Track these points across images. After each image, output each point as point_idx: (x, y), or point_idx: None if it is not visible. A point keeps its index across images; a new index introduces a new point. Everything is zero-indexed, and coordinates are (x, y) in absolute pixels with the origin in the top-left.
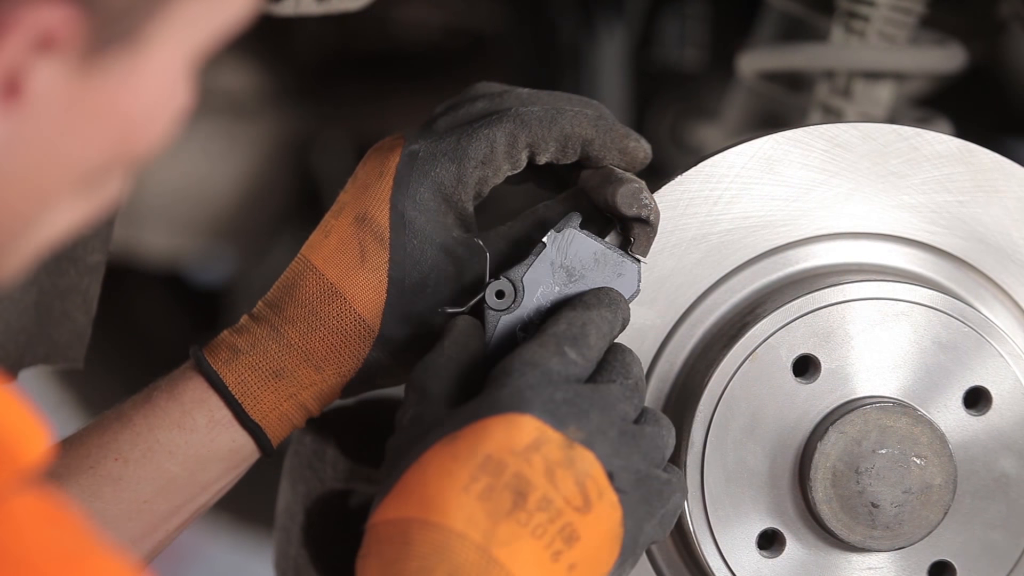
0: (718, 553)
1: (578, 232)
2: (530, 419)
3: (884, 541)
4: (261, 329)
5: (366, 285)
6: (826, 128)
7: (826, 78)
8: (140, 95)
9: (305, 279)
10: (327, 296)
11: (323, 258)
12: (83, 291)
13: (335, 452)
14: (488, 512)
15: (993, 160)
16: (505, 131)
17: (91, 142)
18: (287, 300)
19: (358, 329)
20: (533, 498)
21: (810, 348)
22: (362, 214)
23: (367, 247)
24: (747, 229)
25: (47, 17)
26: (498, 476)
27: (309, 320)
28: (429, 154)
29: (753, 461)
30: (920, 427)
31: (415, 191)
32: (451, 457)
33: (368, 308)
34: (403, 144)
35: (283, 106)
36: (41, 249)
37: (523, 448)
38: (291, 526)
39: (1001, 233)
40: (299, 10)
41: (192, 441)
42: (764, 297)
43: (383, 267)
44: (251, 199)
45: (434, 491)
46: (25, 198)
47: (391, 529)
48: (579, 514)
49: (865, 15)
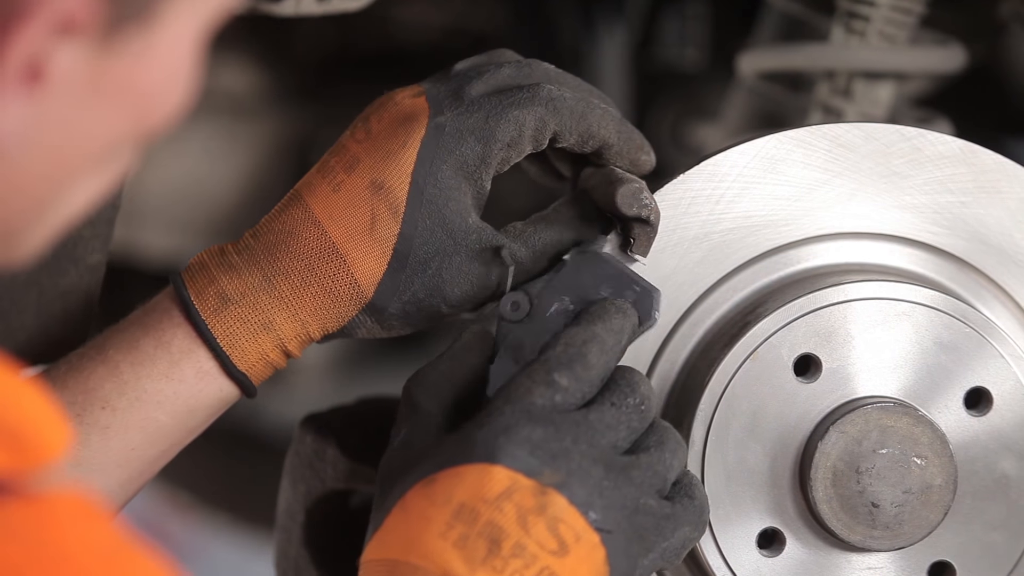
0: (718, 552)
1: (600, 254)
2: (501, 469)
3: (884, 541)
4: (252, 275)
5: (369, 252)
6: (829, 128)
7: (826, 78)
8: (155, 71)
9: (306, 230)
10: (327, 254)
11: (329, 214)
12: (84, 291)
13: (335, 452)
14: (464, 559)
15: (995, 161)
16: (535, 116)
17: (109, 119)
18: (282, 248)
19: (351, 292)
20: (507, 545)
21: (811, 348)
22: (380, 181)
23: (379, 215)
24: (749, 228)
25: (68, 1)
26: (472, 525)
27: (304, 275)
28: (456, 130)
29: (753, 460)
30: (921, 427)
31: (438, 168)
32: (429, 502)
33: (366, 275)
34: (428, 112)
35: (283, 106)
36: (60, 227)
37: (495, 497)
38: (292, 526)
39: (1003, 234)
40: (300, 10)
41: (180, 391)
42: (765, 296)
43: (391, 239)
44: (251, 199)
45: (414, 535)
46: (47, 178)
47: (379, 569)
48: (556, 558)
49: (865, 15)
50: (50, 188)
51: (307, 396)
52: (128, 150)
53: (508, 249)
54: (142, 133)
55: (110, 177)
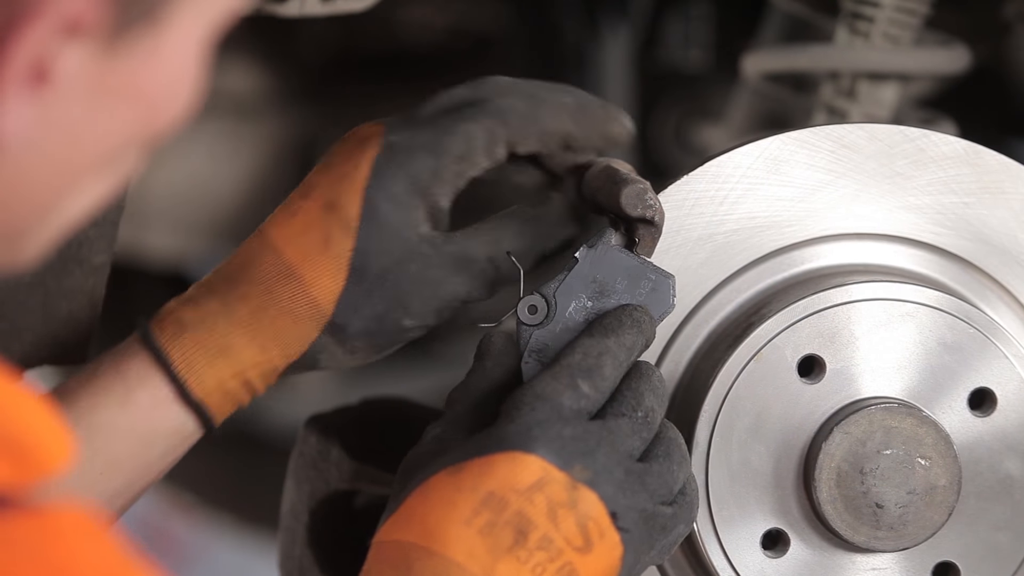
0: (722, 553)
1: (612, 247)
2: (535, 459)
3: (888, 542)
4: (211, 303)
5: (325, 270)
6: (832, 129)
7: (830, 79)
8: (162, 72)
9: (263, 257)
10: (283, 276)
11: (285, 238)
12: (88, 292)
13: (339, 452)
14: (488, 548)
15: (999, 162)
16: (484, 127)
17: (116, 121)
18: (241, 275)
19: (310, 312)
20: (534, 537)
21: (815, 348)
22: (333, 201)
23: (332, 233)
24: (753, 229)
25: (74, 2)
26: (500, 513)
27: (262, 298)
28: (407, 146)
29: (757, 461)
30: (925, 428)
31: (390, 183)
32: (455, 489)
33: (324, 293)
34: (382, 133)
35: (287, 107)
36: (64, 230)
37: (526, 487)
38: (296, 526)
39: (1007, 235)
40: (304, 11)
41: (136, 421)
42: (769, 297)
43: (346, 254)
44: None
45: (436, 520)
46: (52, 180)
47: (393, 551)
48: (579, 554)
49: (869, 16)
50: (55, 190)
51: (311, 397)
52: (134, 153)
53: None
54: (148, 135)
55: (116, 180)
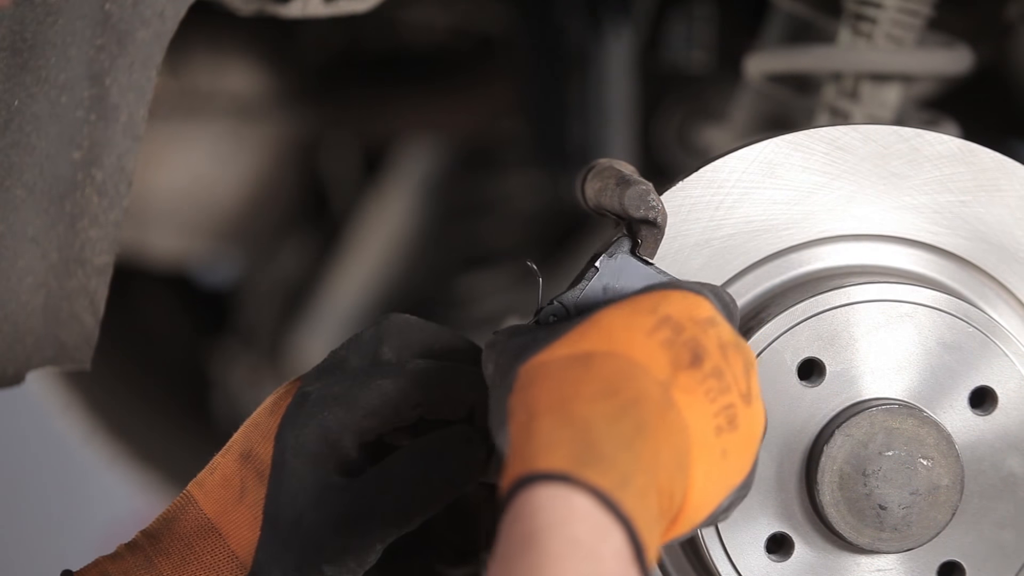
0: (727, 558)
1: (629, 257)
2: (706, 300)
3: (892, 543)
4: (135, 558)
5: (242, 521)
6: (826, 131)
7: (833, 80)
8: None
9: (185, 513)
10: (203, 531)
11: (204, 493)
12: (90, 293)
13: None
14: (670, 360)
15: (994, 159)
16: (398, 386)
17: None
18: (165, 532)
19: (230, 566)
20: (708, 364)
21: (815, 351)
22: (247, 451)
23: (247, 483)
24: (749, 233)
25: None
26: (678, 334)
27: (183, 554)
28: (320, 397)
29: (760, 465)
30: (926, 428)
31: (299, 432)
32: (632, 311)
33: (242, 545)
34: (299, 383)
35: (290, 108)
36: None
37: (702, 319)
38: None
39: (1004, 232)
40: (306, 12)
41: None
42: (768, 301)
43: (259, 503)
44: (258, 201)
45: (618, 330)
46: None
47: (562, 362)
48: (742, 401)
49: (872, 17)
50: None
51: None
52: None
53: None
54: None
55: None
